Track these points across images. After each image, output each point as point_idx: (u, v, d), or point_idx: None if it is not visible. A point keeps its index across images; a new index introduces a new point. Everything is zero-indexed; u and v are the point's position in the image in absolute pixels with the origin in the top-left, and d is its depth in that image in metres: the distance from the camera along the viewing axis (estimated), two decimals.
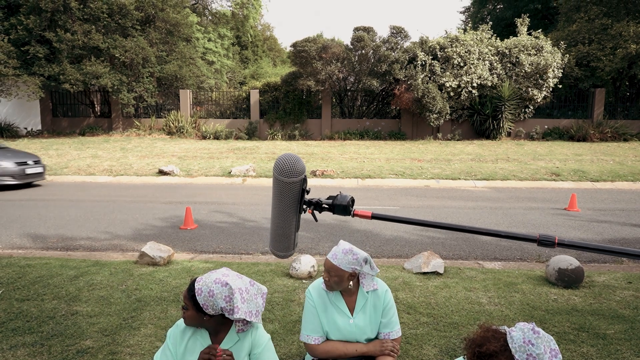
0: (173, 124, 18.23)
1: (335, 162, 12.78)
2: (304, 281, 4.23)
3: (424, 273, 4.45)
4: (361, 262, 2.10)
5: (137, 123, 18.61)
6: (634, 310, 3.64)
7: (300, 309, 3.60)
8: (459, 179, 10.86)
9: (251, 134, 18.41)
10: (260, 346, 1.99)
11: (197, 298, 1.81)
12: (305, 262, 4.34)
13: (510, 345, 1.53)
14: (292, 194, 1.20)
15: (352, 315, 2.22)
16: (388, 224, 6.71)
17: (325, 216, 7.25)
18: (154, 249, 4.76)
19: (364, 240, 5.91)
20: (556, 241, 1.13)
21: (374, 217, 1.25)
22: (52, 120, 19.39)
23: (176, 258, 5.01)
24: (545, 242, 1.14)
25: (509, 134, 17.50)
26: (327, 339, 2.23)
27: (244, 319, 2.01)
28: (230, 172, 11.45)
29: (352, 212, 1.26)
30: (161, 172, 11.45)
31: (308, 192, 1.23)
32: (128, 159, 13.30)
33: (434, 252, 4.73)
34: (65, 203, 8.36)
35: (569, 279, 4.11)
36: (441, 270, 4.47)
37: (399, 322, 2.32)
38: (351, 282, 2.16)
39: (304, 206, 1.27)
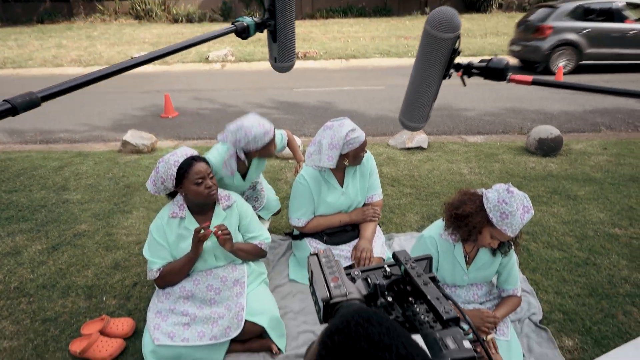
0: (140, 6, 16.67)
1: (318, 43, 12.12)
2: (289, 161, 4.28)
3: (408, 148, 4.52)
4: None
5: (100, 7, 16.98)
6: (605, 173, 3.82)
7: (287, 187, 3.69)
8: None
9: (226, 15, 17.04)
10: (248, 216, 2.06)
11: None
12: None
13: (485, 205, 1.59)
14: (442, 52, 1.05)
15: (342, 187, 2.30)
16: (373, 104, 6.63)
17: (309, 98, 7.10)
18: (136, 137, 4.69)
19: None
20: None
21: (535, 82, 1.10)
22: (3, 6, 17.54)
23: (160, 145, 4.97)
24: None
25: (500, 6, 16.50)
26: (315, 216, 2.32)
27: (226, 195, 2.02)
28: (207, 58, 10.84)
29: (508, 78, 1.10)
30: None
31: (459, 53, 1.09)
32: (96, 47, 12.40)
33: None
34: None
35: (547, 148, 4.23)
36: (425, 145, 4.54)
37: (380, 186, 2.42)
38: None
39: (452, 70, 1.12)
